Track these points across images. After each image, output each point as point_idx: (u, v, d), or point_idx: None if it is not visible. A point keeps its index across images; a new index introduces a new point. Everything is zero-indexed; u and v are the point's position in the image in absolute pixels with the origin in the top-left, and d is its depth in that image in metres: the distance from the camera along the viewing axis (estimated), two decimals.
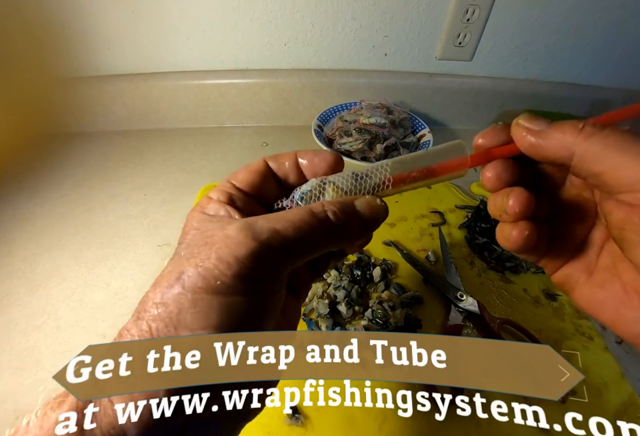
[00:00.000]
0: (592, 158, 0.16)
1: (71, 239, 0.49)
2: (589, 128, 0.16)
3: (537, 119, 0.17)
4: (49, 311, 0.41)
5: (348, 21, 0.60)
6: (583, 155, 0.16)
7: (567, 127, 0.16)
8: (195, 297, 0.15)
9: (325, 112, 0.64)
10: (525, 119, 0.18)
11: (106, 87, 0.63)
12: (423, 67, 0.66)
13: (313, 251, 0.17)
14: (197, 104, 0.67)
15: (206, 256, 0.16)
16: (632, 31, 0.63)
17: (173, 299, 0.15)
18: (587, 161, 0.16)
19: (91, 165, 0.60)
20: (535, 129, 0.17)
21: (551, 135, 0.16)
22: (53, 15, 0.56)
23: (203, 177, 0.59)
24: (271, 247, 0.16)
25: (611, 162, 0.15)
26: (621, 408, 0.35)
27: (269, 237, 0.16)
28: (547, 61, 0.67)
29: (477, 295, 0.41)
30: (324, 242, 0.18)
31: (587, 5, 0.60)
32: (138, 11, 0.57)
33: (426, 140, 0.60)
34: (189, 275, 0.15)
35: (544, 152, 0.17)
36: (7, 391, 0.35)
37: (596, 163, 0.15)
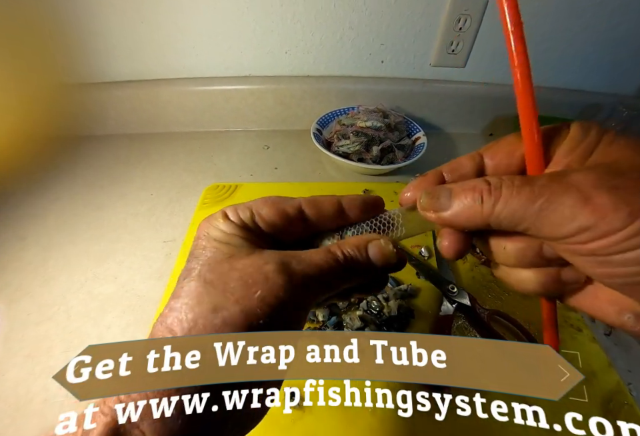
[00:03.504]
0: (503, 226, 0.16)
1: (81, 235, 0.51)
2: (489, 198, 0.15)
3: (436, 197, 0.17)
4: (59, 302, 0.44)
5: (346, 30, 0.63)
6: (496, 225, 0.16)
7: (468, 199, 0.16)
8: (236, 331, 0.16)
9: (324, 116, 0.67)
10: (426, 201, 0.17)
11: (116, 92, 0.66)
12: (418, 73, 0.69)
13: (334, 290, 0.19)
14: (203, 109, 0.70)
15: (246, 294, 0.16)
16: (621, 37, 0.66)
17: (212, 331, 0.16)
18: (502, 228, 0.16)
19: (101, 166, 0.63)
20: (439, 209, 0.17)
21: (456, 215, 0.16)
22: (68, 25, 0.60)
23: (208, 177, 0.61)
24: (304, 289, 0.17)
25: (523, 225, 0.15)
26: (608, 395, 0.36)
27: (303, 281, 0.17)
28: (538, 67, 0.69)
29: (468, 289, 0.43)
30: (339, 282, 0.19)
31: (576, 13, 0.62)
32: (147, 21, 0.60)
33: (421, 142, 0.62)
34: (230, 312, 0.16)
35: (461, 229, 0.17)
36: (19, 376, 0.37)
37: (510, 228, 0.16)
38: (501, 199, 0.15)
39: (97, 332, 0.41)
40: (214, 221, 0.19)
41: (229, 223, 0.19)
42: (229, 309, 0.16)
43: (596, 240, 0.14)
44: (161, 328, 0.16)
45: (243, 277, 0.17)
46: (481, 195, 0.16)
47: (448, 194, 0.17)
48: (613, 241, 0.14)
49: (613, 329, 0.44)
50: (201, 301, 0.16)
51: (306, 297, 0.17)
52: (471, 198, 0.16)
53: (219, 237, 0.18)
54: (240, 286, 0.16)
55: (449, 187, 0.17)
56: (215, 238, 0.18)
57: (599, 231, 0.14)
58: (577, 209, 0.14)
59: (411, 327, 0.40)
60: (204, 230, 0.19)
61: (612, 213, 0.13)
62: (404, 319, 0.40)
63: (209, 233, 0.19)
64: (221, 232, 0.19)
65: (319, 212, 0.20)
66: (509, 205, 0.15)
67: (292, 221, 0.20)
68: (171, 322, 0.16)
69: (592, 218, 0.14)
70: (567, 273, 0.17)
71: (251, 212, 0.19)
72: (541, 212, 0.14)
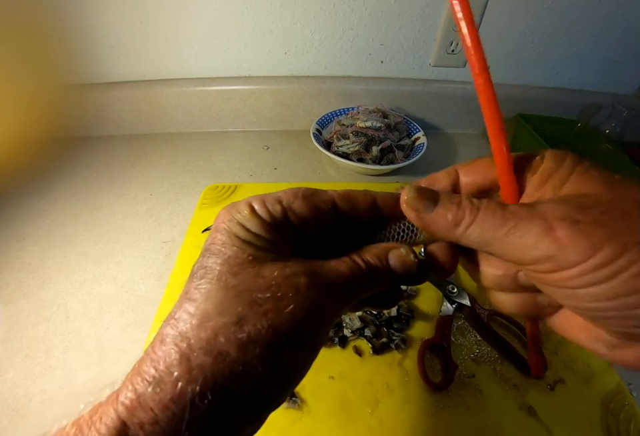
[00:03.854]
0: (471, 244, 0.17)
1: (80, 236, 0.51)
2: (468, 217, 0.16)
3: (422, 199, 0.17)
4: (58, 302, 0.43)
5: (345, 30, 0.63)
6: (464, 242, 0.17)
7: (448, 214, 0.16)
8: (264, 352, 0.14)
9: (324, 116, 0.67)
10: (412, 197, 0.17)
11: (114, 93, 0.66)
12: (418, 73, 0.69)
13: (356, 300, 0.18)
14: (202, 109, 0.70)
15: (275, 308, 0.15)
16: (619, 37, 0.66)
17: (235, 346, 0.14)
18: (470, 246, 0.17)
19: (100, 167, 0.63)
20: (421, 211, 0.17)
21: (434, 221, 0.17)
22: (66, 25, 0.60)
23: (206, 178, 0.61)
24: (333, 301, 0.16)
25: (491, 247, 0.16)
26: (608, 396, 0.36)
27: (331, 293, 0.16)
28: (537, 67, 0.70)
29: (468, 289, 0.43)
30: (362, 291, 0.18)
31: (575, 13, 0.62)
32: (146, 22, 0.60)
33: (420, 142, 0.62)
34: (255, 325, 0.14)
35: (432, 234, 0.18)
36: (18, 377, 0.37)
37: (478, 247, 0.17)
38: (476, 220, 0.16)
39: (96, 333, 0.41)
40: (237, 214, 0.17)
41: (256, 220, 0.17)
42: (256, 323, 0.14)
43: (557, 271, 0.14)
44: (173, 332, 0.15)
45: (271, 287, 0.15)
46: (464, 212, 0.16)
47: (434, 199, 0.17)
48: (573, 274, 0.14)
49: None
50: (223, 310, 0.15)
51: (333, 308, 0.17)
52: (454, 212, 0.16)
53: (242, 234, 0.16)
54: (268, 298, 0.15)
55: (437, 193, 0.17)
56: (237, 235, 0.16)
57: (559, 262, 0.14)
58: (539, 237, 0.14)
59: (411, 328, 0.40)
60: (225, 223, 0.17)
61: (571, 245, 0.14)
62: (404, 319, 0.40)
63: (231, 228, 0.17)
64: (245, 230, 0.16)
65: (353, 208, 0.19)
66: (480, 226, 0.16)
67: (324, 215, 0.18)
68: (185, 329, 0.14)
69: (553, 248, 0.14)
70: (542, 298, 0.18)
71: (282, 206, 0.17)
72: (507, 237, 0.15)
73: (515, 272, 0.17)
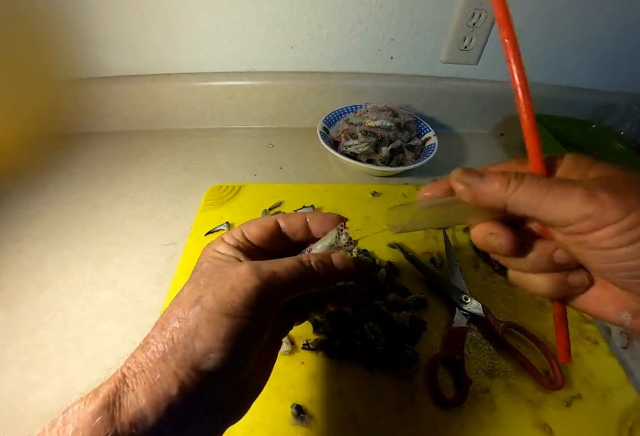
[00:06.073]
0: (519, 208, 0.18)
1: (78, 237, 0.49)
2: (514, 182, 0.18)
3: (469, 174, 0.20)
4: (56, 307, 0.42)
5: (354, 24, 0.60)
6: (513, 206, 0.19)
7: (495, 182, 0.19)
8: (211, 317, 0.19)
9: (331, 114, 0.65)
10: (460, 174, 0.20)
11: (114, 88, 0.63)
12: (429, 70, 0.66)
13: (300, 289, 0.22)
14: (204, 105, 0.67)
15: (221, 286, 0.20)
16: (635, 36, 0.63)
17: (193, 315, 0.19)
18: (517, 210, 0.19)
19: (99, 165, 0.61)
20: (470, 184, 0.20)
21: (483, 190, 0.19)
22: (65, 18, 0.57)
23: (209, 177, 0.59)
24: (269, 284, 0.20)
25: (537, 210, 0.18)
26: (626, 413, 0.35)
27: (268, 277, 0.20)
28: (551, 65, 0.67)
29: (481, 298, 0.41)
30: (307, 283, 0.23)
31: (590, 11, 0.60)
32: (147, 14, 0.57)
33: (431, 143, 0.60)
34: (207, 299, 0.19)
35: (482, 203, 0.20)
36: (15, 385, 0.36)
37: (525, 210, 0.18)
38: (523, 184, 0.18)
39: (95, 340, 0.40)
40: (213, 245, 0.24)
41: (225, 245, 0.24)
42: (207, 297, 0.19)
43: (597, 229, 0.16)
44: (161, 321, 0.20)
45: (222, 275, 0.21)
46: (509, 179, 0.18)
47: (480, 174, 0.20)
48: (611, 232, 0.16)
49: (630, 341, 0.42)
50: (189, 293, 0.21)
51: (272, 291, 0.20)
52: (500, 180, 0.19)
53: (216, 255, 0.24)
54: (218, 281, 0.20)
55: (482, 169, 0.20)
56: (212, 256, 0.23)
57: (599, 220, 0.16)
58: (584, 200, 0.16)
59: (423, 340, 0.39)
60: (207, 253, 0.24)
61: (610, 207, 0.16)
62: (416, 331, 0.38)
63: (209, 254, 0.24)
64: (218, 252, 0.24)
65: (289, 224, 0.26)
66: (529, 189, 0.18)
67: (272, 232, 0.25)
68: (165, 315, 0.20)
69: (595, 209, 0.16)
70: (574, 277, 0.20)
71: (241, 231, 0.25)
72: (554, 200, 0.17)
73: (551, 251, 0.19)
